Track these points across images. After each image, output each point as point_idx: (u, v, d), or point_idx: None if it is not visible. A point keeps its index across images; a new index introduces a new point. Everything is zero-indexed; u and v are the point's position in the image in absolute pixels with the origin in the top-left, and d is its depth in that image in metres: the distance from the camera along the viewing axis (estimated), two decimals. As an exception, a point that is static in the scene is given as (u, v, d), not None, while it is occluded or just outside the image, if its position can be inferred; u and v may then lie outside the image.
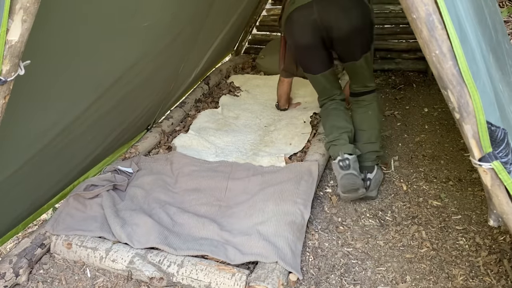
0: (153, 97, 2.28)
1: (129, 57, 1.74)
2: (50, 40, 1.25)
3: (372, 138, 2.02)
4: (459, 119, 0.99)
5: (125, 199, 1.94)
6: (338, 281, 1.55)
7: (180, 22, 1.93)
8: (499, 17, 1.41)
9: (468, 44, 0.93)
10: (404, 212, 1.88)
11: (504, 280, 1.50)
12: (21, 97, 1.28)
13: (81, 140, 1.82)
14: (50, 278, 1.63)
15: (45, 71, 1.33)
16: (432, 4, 0.90)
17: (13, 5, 0.89)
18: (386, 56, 3.62)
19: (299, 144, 2.39)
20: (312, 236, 1.77)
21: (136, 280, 1.59)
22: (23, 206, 1.76)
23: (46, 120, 1.50)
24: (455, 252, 1.65)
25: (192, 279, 1.52)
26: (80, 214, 1.82)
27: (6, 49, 0.93)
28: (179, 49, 2.17)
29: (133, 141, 2.45)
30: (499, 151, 1.00)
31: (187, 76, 2.75)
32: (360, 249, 1.70)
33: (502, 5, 4.30)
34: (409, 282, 1.52)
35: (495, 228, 1.73)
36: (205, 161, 2.24)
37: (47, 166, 1.70)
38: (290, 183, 1.92)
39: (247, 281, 1.47)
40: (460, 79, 0.94)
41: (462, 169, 2.16)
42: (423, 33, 0.93)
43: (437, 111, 2.82)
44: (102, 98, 1.74)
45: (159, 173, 2.12)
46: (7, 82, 0.97)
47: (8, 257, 1.59)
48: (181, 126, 2.73)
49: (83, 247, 1.67)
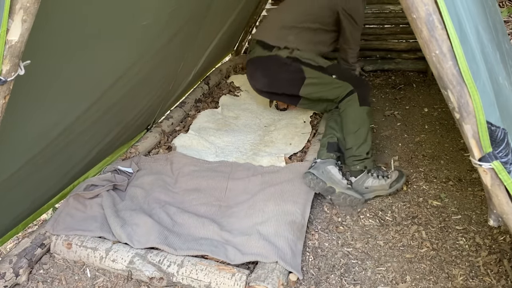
0: (153, 97, 2.28)
1: (129, 56, 1.74)
2: (50, 40, 1.25)
3: (348, 144, 2.06)
4: (459, 119, 0.99)
5: (125, 199, 1.94)
6: (338, 281, 1.55)
7: (179, 21, 1.93)
8: (499, 17, 1.41)
9: (468, 44, 0.93)
10: (404, 212, 1.88)
11: (504, 280, 1.50)
12: (21, 97, 1.28)
13: (81, 140, 1.82)
14: (50, 278, 1.63)
15: (45, 71, 1.32)
16: (432, 4, 0.90)
17: (13, 5, 0.89)
18: (386, 56, 3.62)
19: (299, 144, 2.39)
20: (312, 236, 1.77)
21: (136, 280, 1.59)
22: (23, 206, 1.75)
23: (46, 120, 1.50)
24: (455, 252, 1.65)
25: (192, 279, 1.52)
26: (80, 214, 1.82)
27: (6, 49, 0.93)
28: (178, 48, 2.17)
29: (133, 141, 2.45)
30: (499, 151, 1.00)
31: (187, 75, 2.75)
32: (360, 249, 1.70)
33: (502, 5, 4.30)
34: (409, 282, 1.52)
35: (495, 228, 1.73)
36: (205, 161, 2.24)
37: (47, 166, 1.70)
38: (291, 183, 1.92)
39: (247, 281, 1.47)
40: (460, 79, 0.94)
41: (462, 169, 2.16)
42: (423, 33, 0.93)
43: (437, 111, 2.82)
44: (102, 98, 1.74)
45: (159, 173, 2.12)
46: (7, 82, 0.97)
47: (8, 257, 1.59)
48: (181, 126, 2.73)
49: (83, 247, 1.67)
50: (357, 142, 2.02)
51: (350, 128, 2.08)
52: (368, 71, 3.60)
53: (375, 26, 3.59)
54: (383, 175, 1.99)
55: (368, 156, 2.01)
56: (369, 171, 1.99)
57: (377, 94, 3.17)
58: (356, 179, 1.99)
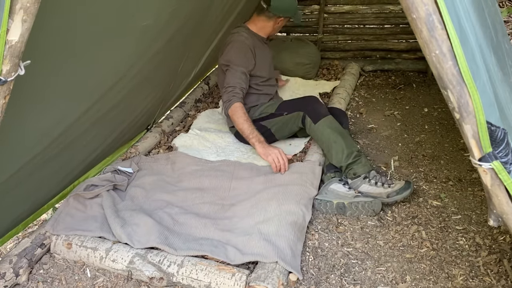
0: (153, 97, 2.28)
1: (129, 56, 1.74)
2: (50, 40, 1.25)
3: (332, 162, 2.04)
4: (459, 119, 0.99)
5: (125, 199, 1.94)
6: (338, 281, 1.55)
7: (179, 21, 1.93)
8: (499, 17, 1.41)
9: (468, 44, 0.93)
10: (404, 212, 1.88)
11: (504, 280, 1.50)
12: (21, 97, 1.27)
13: (81, 140, 1.82)
14: (50, 278, 1.63)
15: (45, 71, 1.32)
16: (432, 4, 0.90)
17: (13, 5, 0.89)
18: (386, 56, 3.63)
19: (299, 144, 2.39)
20: (312, 236, 1.77)
21: (136, 280, 1.59)
22: (23, 206, 1.76)
23: (46, 120, 1.50)
24: (455, 252, 1.65)
25: (192, 279, 1.52)
26: (80, 214, 1.82)
27: (6, 49, 0.93)
28: (178, 48, 2.18)
29: (133, 141, 2.45)
30: (499, 151, 1.00)
31: (187, 75, 2.75)
32: (360, 249, 1.70)
33: (502, 5, 4.31)
34: (409, 282, 1.52)
35: (495, 228, 1.73)
36: (207, 160, 2.24)
37: (47, 167, 1.70)
38: (294, 183, 1.92)
39: (247, 281, 1.47)
40: (460, 79, 0.94)
41: (462, 169, 2.16)
42: (423, 33, 0.93)
43: (437, 111, 2.82)
44: (102, 98, 1.74)
45: (160, 173, 2.12)
46: (7, 82, 0.97)
47: (8, 257, 1.59)
48: (181, 126, 2.73)
49: (83, 247, 1.67)
50: (336, 157, 1.99)
51: (323, 148, 2.10)
52: (368, 71, 3.60)
53: (375, 26, 3.59)
54: (383, 183, 1.91)
55: (353, 161, 1.96)
56: (365, 177, 1.93)
57: (377, 94, 3.17)
58: (351, 182, 1.96)
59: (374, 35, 3.61)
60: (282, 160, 2.02)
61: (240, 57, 2.22)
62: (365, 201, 1.85)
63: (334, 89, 3.11)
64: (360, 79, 3.48)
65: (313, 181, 1.97)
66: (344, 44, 3.70)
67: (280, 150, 2.05)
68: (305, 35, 3.76)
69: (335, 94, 2.92)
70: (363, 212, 1.86)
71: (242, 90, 2.19)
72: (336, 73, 3.45)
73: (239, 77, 2.19)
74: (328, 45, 3.73)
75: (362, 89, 3.29)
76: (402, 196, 1.87)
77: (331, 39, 3.70)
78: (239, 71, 2.19)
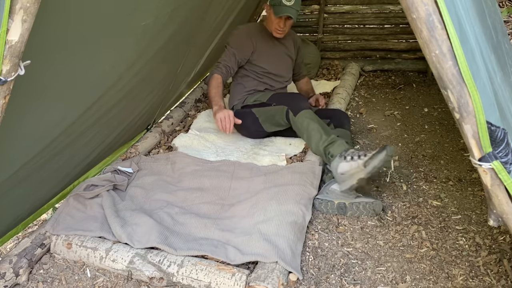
0: (153, 97, 2.28)
1: (129, 56, 1.74)
2: (50, 40, 1.25)
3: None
4: (459, 119, 0.99)
5: (125, 199, 1.94)
6: (338, 281, 1.55)
7: (179, 21, 1.93)
8: (499, 17, 1.41)
9: (468, 44, 0.93)
10: (404, 212, 1.89)
11: (504, 280, 1.50)
12: (21, 97, 1.27)
13: (81, 140, 1.82)
14: (50, 278, 1.63)
15: (45, 71, 1.32)
16: (432, 4, 0.90)
17: (13, 5, 0.89)
18: (386, 56, 3.63)
19: (300, 144, 2.39)
20: (312, 236, 1.77)
21: (136, 280, 1.59)
22: (23, 206, 1.75)
23: (46, 120, 1.50)
24: (455, 252, 1.65)
25: (192, 279, 1.52)
26: (80, 214, 1.82)
27: (6, 49, 0.93)
28: (178, 48, 2.18)
29: (133, 141, 2.45)
30: (499, 151, 1.00)
31: (187, 75, 2.75)
32: (360, 249, 1.70)
33: (502, 5, 4.31)
34: (409, 282, 1.52)
35: (495, 228, 1.74)
36: (207, 160, 2.24)
37: (47, 167, 1.70)
38: (295, 183, 1.92)
39: (247, 281, 1.47)
40: (460, 79, 0.94)
41: (462, 169, 2.16)
42: (423, 33, 0.93)
43: (437, 111, 2.83)
44: (102, 98, 1.74)
45: (160, 174, 2.12)
46: (7, 82, 0.97)
47: (8, 257, 1.59)
48: (181, 126, 2.73)
49: (83, 247, 1.67)
50: (316, 144, 2.04)
51: (305, 139, 2.15)
52: (368, 71, 3.60)
53: (375, 26, 3.59)
54: (359, 155, 1.78)
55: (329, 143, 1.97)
56: (341, 155, 1.84)
57: (377, 94, 3.17)
58: (330, 166, 1.94)
59: (374, 35, 3.61)
60: (229, 121, 2.17)
61: (235, 41, 2.46)
62: (366, 202, 1.85)
63: (334, 89, 3.11)
64: (360, 79, 3.48)
65: (313, 181, 1.97)
66: (344, 44, 3.70)
67: (230, 113, 2.20)
68: (305, 35, 3.76)
69: (335, 94, 2.93)
70: (364, 212, 1.86)
71: (226, 67, 2.42)
72: (336, 73, 3.45)
73: (227, 56, 2.44)
74: (328, 45, 3.74)
75: (362, 89, 3.29)
76: (378, 159, 1.70)
77: (331, 39, 3.71)
78: (230, 52, 2.44)
